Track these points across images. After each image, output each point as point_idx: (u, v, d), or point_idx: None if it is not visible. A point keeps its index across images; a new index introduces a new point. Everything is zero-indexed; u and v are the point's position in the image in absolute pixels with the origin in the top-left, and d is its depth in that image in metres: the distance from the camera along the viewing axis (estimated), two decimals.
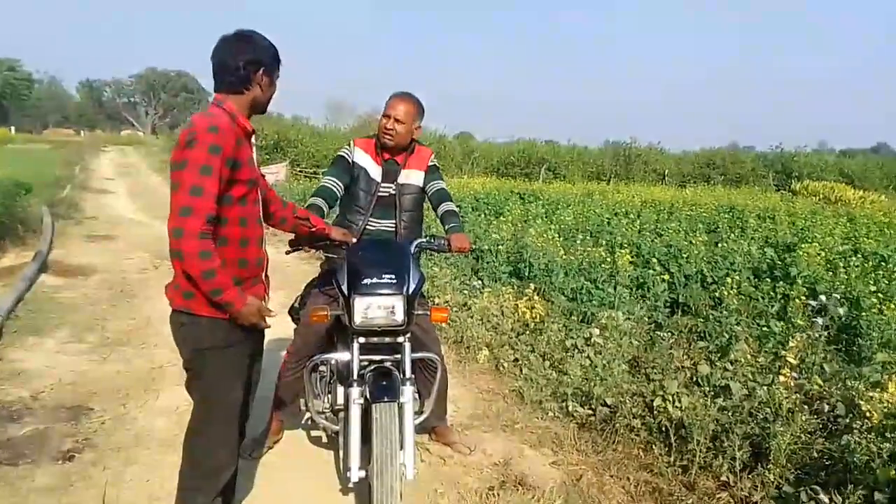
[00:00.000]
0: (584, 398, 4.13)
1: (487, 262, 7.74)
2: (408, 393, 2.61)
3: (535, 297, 5.84)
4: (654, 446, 3.57)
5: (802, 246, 8.37)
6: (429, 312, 2.87)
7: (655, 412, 3.69)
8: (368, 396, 2.56)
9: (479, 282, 6.90)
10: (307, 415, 3.14)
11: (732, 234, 10.72)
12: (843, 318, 5.77)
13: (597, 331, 4.89)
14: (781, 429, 3.10)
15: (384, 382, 2.59)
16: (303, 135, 25.82)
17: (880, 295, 5.98)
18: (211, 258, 2.07)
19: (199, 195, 2.04)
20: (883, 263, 8.16)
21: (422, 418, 2.91)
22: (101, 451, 3.39)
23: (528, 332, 5.41)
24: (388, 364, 2.73)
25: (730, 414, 3.43)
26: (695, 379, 4.04)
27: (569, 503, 3.10)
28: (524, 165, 30.37)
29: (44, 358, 4.70)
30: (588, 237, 9.31)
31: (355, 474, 2.54)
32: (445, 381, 3.38)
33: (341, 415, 2.90)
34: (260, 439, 3.40)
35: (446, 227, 3.25)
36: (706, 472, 3.31)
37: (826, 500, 2.63)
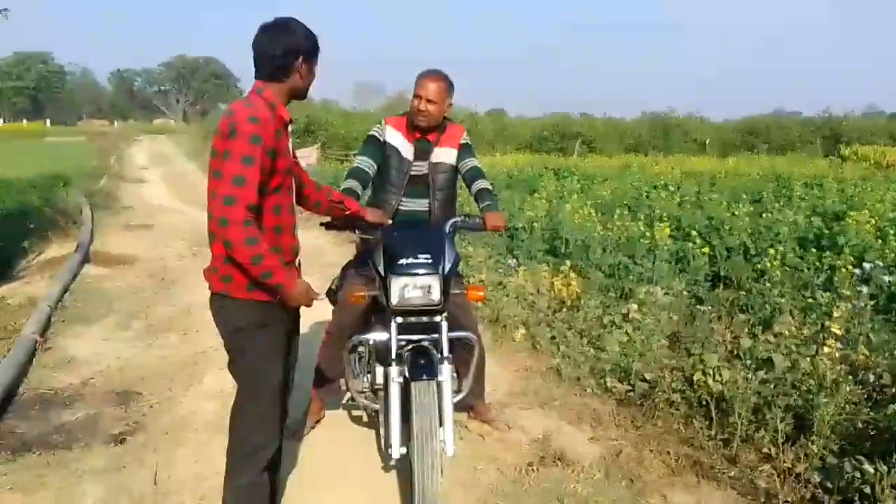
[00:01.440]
0: (622, 374, 4.10)
1: (522, 241, 7.70)
2: (446, 371, 2.64)
3: (572, 274, 5.80)
4: (694, 420, 3.52)
5: (851, 214, 8.10)
6: (465, 291, 2.89)
7: (695, 386, 3.64)
8: (407, 375, 2.59)
9: (515, 260, 6.87)
10: (347, 394, 3.18)
11: (777, 204, 10.43)
12: (892, 287, 5.59)
13: (635, 306, 4.83)
14: (825, 400, 3.03)
15: (422, 361, 2.61)
16: (332, 117, 25.95)
17: None
18: (258, 244, 2.12)
19: (241, 185, 2.09)
20: None
21: (460, 396, 2.93)
22: (151, 434, 3.50)
23: (564, 310, 5.38)
24: (425, 343, 2.75)
25: (772, 386, 3.36)
26: (736, 352, 3.97)
27: (609, 477, 3.09)
28: (558, 140, 30.08)
29: (91, 345, 4.86)
30: (626, 212, 9.17)
31: (396, 451, 2.57)
32: (483, 359, 3.37)
33: (381, 394, 2.93)
34: (301, 419, 3.46)
35: (481, 205, 3.24)
36: (748, 444, 3.26)
37: (871, 470, 2.57)
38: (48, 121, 67.56)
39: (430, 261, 2.64)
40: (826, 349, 3.45)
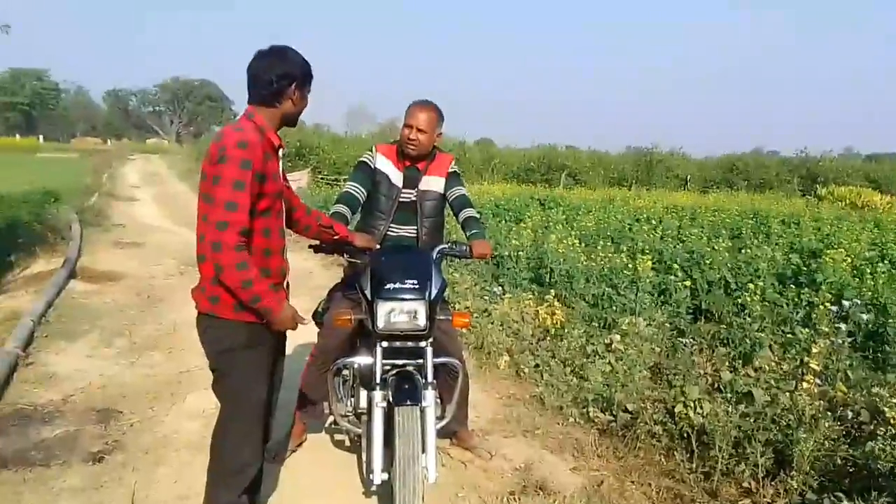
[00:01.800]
0: (604, 404, 4.13)
1: (508, 269, 7.76)
2: (430, 397, 2.66)
3: (556, 303, 5.85)
4: (675, 452, 3.56)
5: (828, 252, 8.27)
6: (451, 318, 2.92)
7: (677, 418, 3.68)
8: (391, 400, 2.61)
9: (500, 288, 6.92)
10: (330, 418, 3.20)
11: (756, 240, 10.62)
12: (870, 325, 5.70)
13: (618, 337, 4.89)
14: (804, 435, 3.09)
15: (406, 386, 2.63)
16: (324, 142, 26.06)
17: None
18: (248, 269, 2.18)
19: (234, 210, 2.15)
20: None
21: (443, 423, 2.93)
22: (131, 453, 3.47)
23: (548, 338, 5.42)
24: (410, 368, 2.78)
25: (752, 420, 3.42)
26: (717, 385, 4.03)
27: None
28: (544, 171, 30.35)
29: (74, 362, 4.82)
30: (609, 243, 9.28)
31: (377, 476, 2.59)
32: (467, 386, 3.42)
33: (364, 418, 2.95)
34: (283, 442, 3.46)
35: (468, 233, 3.28)
36: (728, 478, 3.29)
37: None
38: (41, 137, 67.13)
39: (416, 286, 2.68)
40: (805, 384, 3.52)
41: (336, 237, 2.88)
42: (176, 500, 3.01)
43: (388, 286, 2.67)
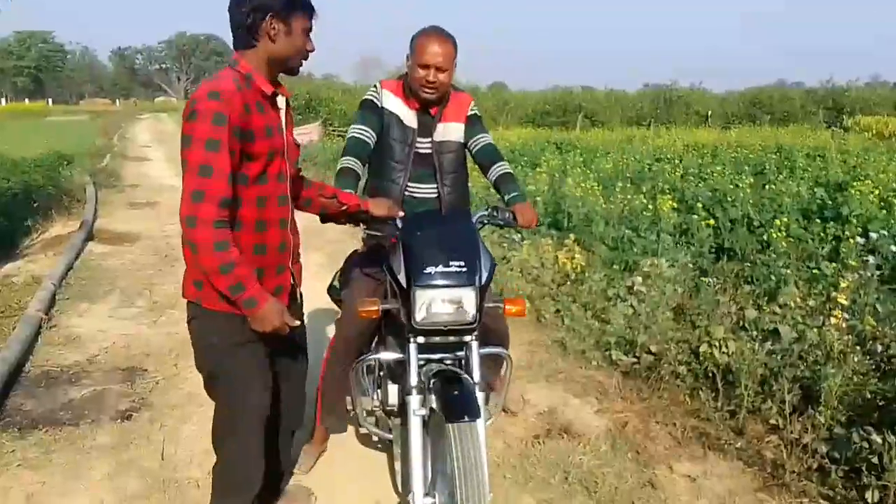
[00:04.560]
0: (627, 347, 4.09)
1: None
2: (480, 402, 2.16)
3: (576, 248, 5.77)
4: (700, 392, 3.52)
5: (854, 184, 8.05)
6: (501, 304, 2.38)
7: (701, 358, 3.63)
8: (439, 410, 2.06)
9: (518, 234, 6.85)
10: (357, 417, 2.60)
11: (780, 176, 10.38)
12: None
13: (639, 279, 4.81)
14: (833, 371, 3.02)
15: (456, 393, 2.07)
16: (334, 93, 25.75)
17: None
18: (228, 249, 1.82)
19: (208, 175, 1.78)
20: None
21: (491, 420, 2.46)
22: (157, 410, 3.51)
23: (569, 283, 5.36)
24: (449, 363, 2.30)
25: (779, 357, 3.36)
26: (741, 324, 3.96)
27: (615, 449, 3.10)
28: (560, 114, 29.88)
29: (96, 323, 4.86)
30: (629, 185, 9.12)
31: (420, 500, 2.12)
32: (512, 372, 2.72)
33: (395, 421, 2.51)
34: (308, 451, 2.96)
35: (506, 195, 2.76)
36: (755, 416, 3.26)
37: (879, 440, 2.57)
38: (50, 100, 67.25)
39: (464, 269, 2.15)
40: (833, 320, 3.44)
41: (344, 208, 2.35)
42: (203, 454, 3.03)
43: (427, 269, 2.13)
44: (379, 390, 2.54)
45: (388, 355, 2.39)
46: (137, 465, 2.98)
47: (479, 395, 2.17)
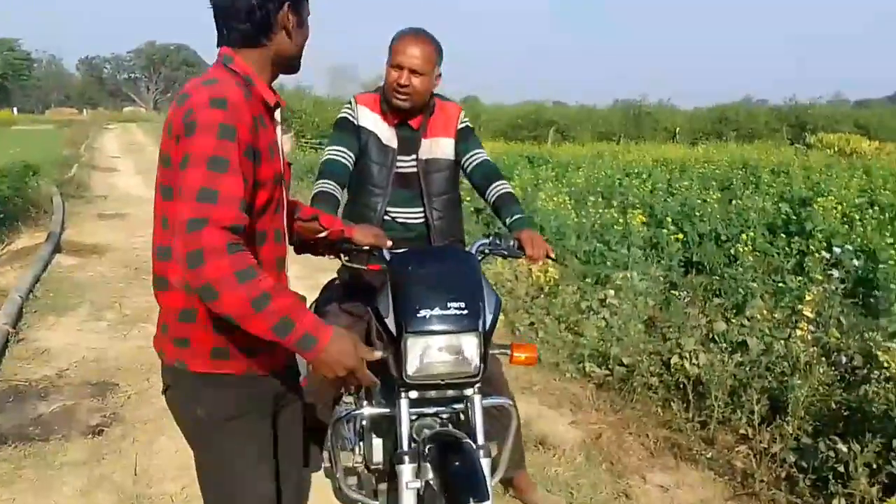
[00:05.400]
0: (600, 359, 4.16)
1: (499, 228, 7.73)
2: (486, 476, 1.77)
3: (549, 261, 5.83)
4: (672, 403, 3.60)
5: (818, 200, 8.30)
6: (508, 352, 2.01)
7: (673, 370, 3.71)
8: (438, 489, 1.73)
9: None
10: (335, 477, 2.23)
11: (746, 191, 10.64)
12: (860, 271, 5.74)
13: (612, 292, 4.89)
14: (799, 381, 3.12)
15: (457, 465, 1.70)
16: (306, 104, 25.67)
17: None
18: (256, 276, 1.31)
19: (211, 200, 1.33)
20: None
21: (497, 478, 2.06)
22: (129, 425, 3.47)
23: (542, 296, 5.42)
24: (445, 416, 1.97)
25: (747, 369, 3.45)
26: (711, 336, 4.05)
27: (589, 461, 3.15)
28: (532, 128, 30.19)
29: (65, 336, 4.78)
30: (599, 199, 9.27)
31: None
32: (520, 425, 2.34)
33: (381, 486, 2.11)
34: None
35: (508, 219, 2.45)
36: (725, 426, 3.34)
37: (844, 450, 2.65)
38: (15, 109, 65.82)
39: (464, 311, 1.80)
40: (799, 332, 3.54)
41: (324, 234, 1.92)
42: (177, 469, 3.01)
43: (422, 313, 1.78)
44: (361, 443, 2.16)
45: (373, 410, 2.00)
46: (110, 480, 2.94)
47: (485, 464, 1.79)
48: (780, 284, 5.24)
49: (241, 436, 1.59)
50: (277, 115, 1.63)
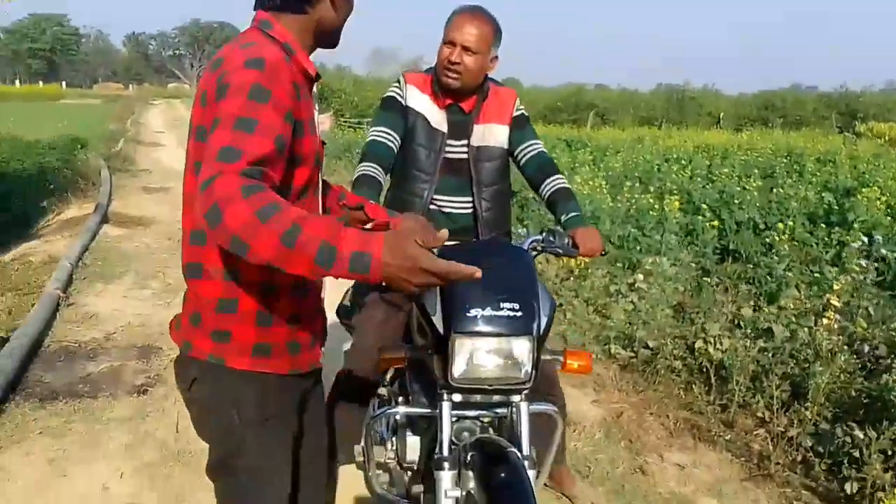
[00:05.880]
0: (626, 341, 4.21)
1: (533, 210, 7.78)
2: (532, 480, 1.64)
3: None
4: (694, 386, 3.65)
5: (863, 190, 8.12)
6: (561, 359, 1.92)
7: (696, 354, 3.76)
8: (481, 501, 1.60)
9: (525, 229, 6.95)
10: (367, 471, 2.17)
11: (789, 180, 10.45)
12: None
13: (641, 276, 4.92)
14: (821, 368, 3.14)
15: (503, 476, 1.58)
16: (346, 84, 25.87)
17: None
18: (279, 210, 1.11)
19: (249, 130, 1.19)
20: None
21: (539, 486, 1.92)
22: (172, 386, 3.63)
23: (572, 279, 5.48)
24: (486, 420, 1.88)
25: (770, 355, 3.48)
26: (738, 322, 4.08)
27: (609, 437, 3.23)
28: (572, 111, 29.95)
29: (112, 302, 5.02)
30: (637, 184, 9.22)
31: None
32: (565, 428, 2.27)
33: (416, 488, 2.01)
34: None
35: (564, 216, 2.31)
36: (745, 410, 3.39)
37: (861, 436, 2.68)
38: (64, 83, 67.71)
39: (518, 313, 1.69)
40: (825, 321, 3.55)
41: (370, 224, 1.77)
42: None
43: (472, 312, 1.67)
44: (395, 438, 2.07)
45: (410, 410, 1.92)
46: (153, 436, 3.13)
47: (531, 475, 1.66)
48: (817, 275, 5.19)
49: (273, 437, 1.49)
50: (315, 89, 1.52)
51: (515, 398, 1.77)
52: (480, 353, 1.68)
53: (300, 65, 1.41)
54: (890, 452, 2.64)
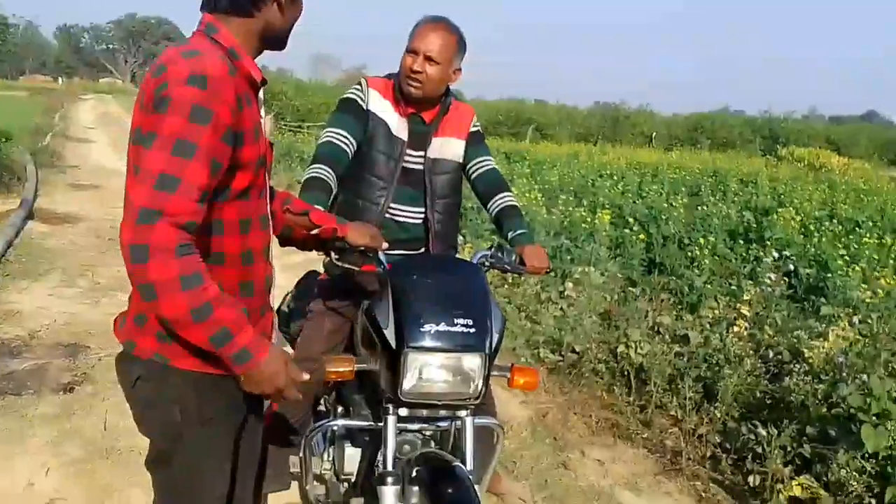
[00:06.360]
0: (554, 346, 4.40)
1: (470, 220, 7.95)
2: (476, 494, 1.65)
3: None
4: (615, 388, 3.86)
5: (780, 210, 8.65)
6: (508, 375, 1.89)
7: (619, 358, 3.97)
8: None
9: (461, 238, 7.11)
10: (302, 482, 2.17)
11: (713, 198, 11.01)
12: (811, 279, 6.08)
13: (571, 285, 5.13)
14: (730, 372, 3.39)
15: (450, 492, 1.61)
16: (288, 87, 25.63)
17: (847, 258, 6.28)
18: (202, 284, 1.24)
19: (171, 189, 1.22)
20: (856, 229, 8.47)
21: (481, 496, 1.78)
22: (100, 384, 3.60)
23: (505, 286, 5.65)
24: (429, 433, 1.88)
25: (685, 359, 3.73)
26: (657, 329, 4.32)
27: (535, 436, 3.38)
28: (511, 125, 30.47)
29: (37, 300, 4.88)
30: (571, 197, 9.54)
31: None
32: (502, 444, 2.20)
33: (355, 501, 1.99)
34: None
35: (510, 233, 2.31)
36: (661, 410, 3.62)
37: (763, 433, 2.91)
38: None
39: (471, 329, 1.70)
40: (736, 328, 3.82)
41: (316, 231, 1.76)
42: None
43: (426, 327, 1.67)
44: (332, 449, 2.06)
45: (350, 423, 1.91)
46: (80, 433, 3.09)
47: (477, 490, 1.68)
48: (734, 287, 5.53)
49: (214, 438, 1.50)
50: (261, 94, 1.52)
51: (462, 413, 1.79)
52: (432, 369, 1.69)
53: (245, 70, 1.42)
54: (789, 448, 2.88)
